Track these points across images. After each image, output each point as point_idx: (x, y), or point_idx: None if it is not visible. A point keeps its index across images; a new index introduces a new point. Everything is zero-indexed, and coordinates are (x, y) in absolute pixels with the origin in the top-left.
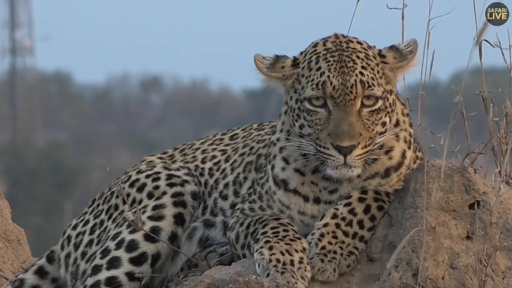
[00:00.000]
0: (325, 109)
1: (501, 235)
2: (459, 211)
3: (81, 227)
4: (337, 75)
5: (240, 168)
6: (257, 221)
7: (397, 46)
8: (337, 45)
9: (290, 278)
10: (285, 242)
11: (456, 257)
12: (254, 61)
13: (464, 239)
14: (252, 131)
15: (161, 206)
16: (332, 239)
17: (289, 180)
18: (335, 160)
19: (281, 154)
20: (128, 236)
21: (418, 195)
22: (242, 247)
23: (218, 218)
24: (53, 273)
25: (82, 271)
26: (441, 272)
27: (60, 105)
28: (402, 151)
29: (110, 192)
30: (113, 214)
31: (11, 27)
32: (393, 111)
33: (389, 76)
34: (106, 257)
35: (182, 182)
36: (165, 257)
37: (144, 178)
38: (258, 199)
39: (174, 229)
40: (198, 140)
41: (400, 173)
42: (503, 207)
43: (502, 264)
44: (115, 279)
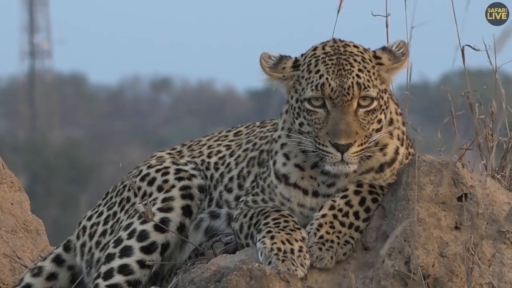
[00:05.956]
0: (323, 109)
1: (487, 225)
2: (448, 203)
3: (96, 218)
4: (335, 77)
5: (244, 163)
6: (260, 212)
7: (389, 47)
8: (335, 49)
9: (290, 265)
10: (286, 232)
11: (445, 246)
12: (259, 59)
13: (453, 229)
14: (255, 128)
15: (170, 199)
16: (330, 229)
17: (289, 175)
18: (333, 157)
19: (282, 150)
20: (139, 226)
21: (409, 188)
22: (245, 237)
23: (223, 209)
24: (69, 261)
25: (96, 259)
26: (431, 260)
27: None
28: (395, 148)
29: (122, 186)
30: (125, 206)
31: (30, 32)
32: (388, 108)
33: (383, 77)
34: (119, 246)
35: (190, 176)
36: (173, 246)
37: (154, 173)
38: (261, 192)
39: (182, 220)
40: (204, 137)
41: (393, 168)
42: (489, 199)
43: (488, 252)
44: (127, 266)
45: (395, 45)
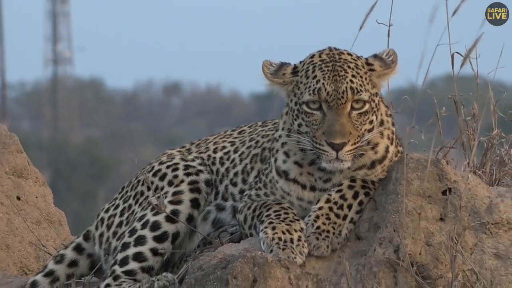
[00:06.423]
0: (320, 111)
1: (469, 217)
2: (434, 197)
3: (112, 210)
4: (330, 82)
5: (248, 159)
6: (262, 205)
7: (380, 55)
8: (330, 56)
9: (290, 253)
10: (286, 223)
11: (431, 235)
12: (262, 66)
13: (438, 220)
14: (257, 127)
15: (180, 192)
16: (326, 220)
17: (289, 171)
18: (328, 155)
19: (283, 149)
20: (152, 218)
21: (398, 183)
22: (249, 228)
23: (229, 202)
24: (89, 249)
25: (113, 248)
26: (418, 248)
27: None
28: (385, 147)
29: (136, 181)
30: (139, 199)
31: (53, 41)
32: (379, 110)
33: (375, 81)
34: (133, 236)
35: (197, 172)
36: (183, 236)
37: (165, 169)
38: (263, 186)
39: (191, 212)
40: (211, 136)
41: (383, 165)
42: (471, 193)
43: (470, 241)
44: (141, 254)
45: (385, 53)
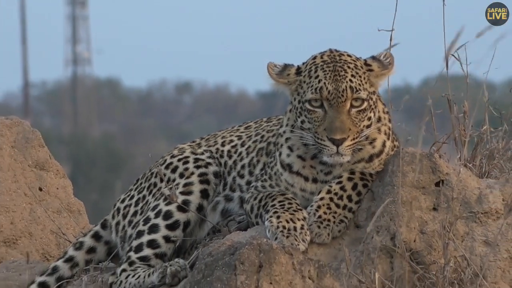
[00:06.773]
0: (321, 109)
1: (460, 207)
2: (427, 188)
3: (128, 201)
4: (331, 82)
5: (254, 153)
6: (268, 196)
7: (377, 56)
8: (331, 58)
9: (294, 241)
10: (290, 212)
11: (425, 224)
12: (266, 68)
13: (431, 210)
14: (263, 123)
15: (190, 184)
16: (327, 210)
17: (293, 164)
18: (329, 150)
19: (287, 144)
20: (165, 207)
21: (394, 175)
22: (255, 217)
23: (236, 193)
24: (106, 237)
25: (129, 235)
26: (413, 236)
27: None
28: (382, 142)
29: (150, 173)
30: (152, 190)
31: (73, 43)
32: (376, 108)
33: (372, 81)
34: (147, 224)
35: (206, 164)
36: (194, 224)
37: (176, 162)
38: (269, 178)
39: (201, 202)
40: (220, 131)
41: (381, 158)
42: (462, 185)
43: (461, 230)
44: (155, 241)
45: (382, 55)
